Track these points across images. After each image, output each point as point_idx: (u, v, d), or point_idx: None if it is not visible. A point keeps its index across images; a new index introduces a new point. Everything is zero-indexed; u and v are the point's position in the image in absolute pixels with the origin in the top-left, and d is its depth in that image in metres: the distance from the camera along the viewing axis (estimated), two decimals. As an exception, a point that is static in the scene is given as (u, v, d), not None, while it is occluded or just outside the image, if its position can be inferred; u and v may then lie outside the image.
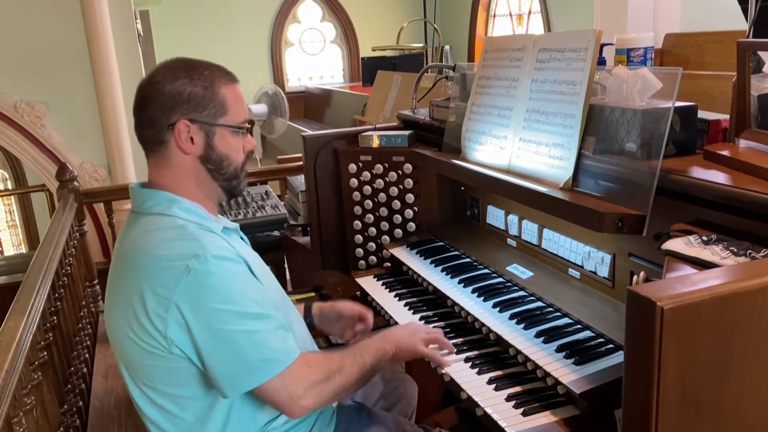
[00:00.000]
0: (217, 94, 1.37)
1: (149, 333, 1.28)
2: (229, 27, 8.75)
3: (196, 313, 1.25)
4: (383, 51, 6.73)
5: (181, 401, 1.35)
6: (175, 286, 1.24)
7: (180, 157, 1.37)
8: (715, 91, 1.81)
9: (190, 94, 1.34)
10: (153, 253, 1.28)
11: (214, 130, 1.37)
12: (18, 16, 4.17)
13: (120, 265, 1.36)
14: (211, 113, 1.36)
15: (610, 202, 1.41)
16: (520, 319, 1.60)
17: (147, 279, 1.27)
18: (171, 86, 1.34)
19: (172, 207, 1.34)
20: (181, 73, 1.35)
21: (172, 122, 1.34)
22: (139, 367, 1.34)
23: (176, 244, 1.28)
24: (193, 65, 1.38)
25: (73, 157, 4.34)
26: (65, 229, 2.73)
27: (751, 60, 1.31)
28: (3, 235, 9.02)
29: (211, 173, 1.40)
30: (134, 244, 1.33)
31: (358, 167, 2.29)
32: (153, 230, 1.32)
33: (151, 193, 1.38)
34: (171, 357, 1.29)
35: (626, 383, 0.95)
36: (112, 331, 1.38)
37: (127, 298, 1.30)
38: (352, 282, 2.23)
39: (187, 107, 1.34)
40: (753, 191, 1.17)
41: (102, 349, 2.80)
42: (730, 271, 1.01)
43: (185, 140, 1.35)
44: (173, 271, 1.25)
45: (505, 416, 1.36)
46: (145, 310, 1.27)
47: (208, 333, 1.25)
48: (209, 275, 1.25)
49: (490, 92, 1.89)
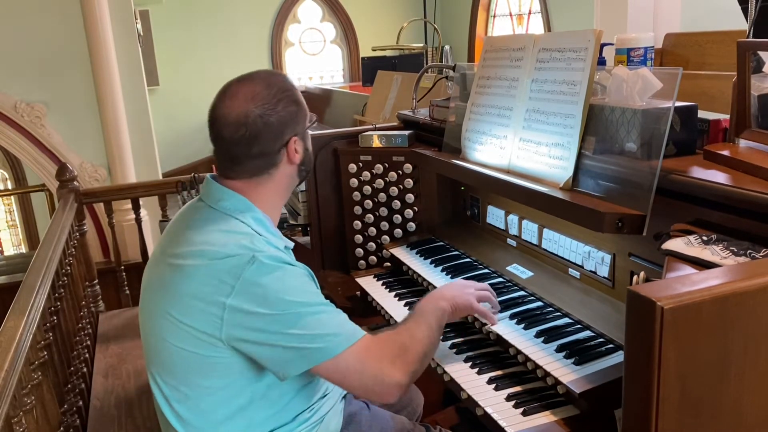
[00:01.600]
0: (301, 102, 1.44)
1: (201, 318, 1.29)
2: (229, 27, 8.74)
3: (258, 301, 1.27)
4: (383, 51, 6.72)
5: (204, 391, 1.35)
6: (240, 272, 1.27)
7: (285, 170, 1.44)
8: (715, 91, 1.81)
9: (291, 114, 1.41)
10: (222, 250, 1.31)
11: (306, 133, 1.47)
12: (18, 16, 4.17)
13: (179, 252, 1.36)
14: (304, 119, 1.46)
15: (610, 202, 1.42)
16: (520, 319, 1.60)
17: (211, 268, 1.30)
18: (276, 115, 1.38)
19: (246, 214, 1.39)
20: (274, 99, 1.38)
21: (284, 143, 1.41)
22: (175, 356, 1.34)
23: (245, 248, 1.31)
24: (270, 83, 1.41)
25: (73, 157, 4.34)
26: (65, 229, 2.73)
27: (751, 60, 1.31)
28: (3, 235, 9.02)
29: (301, 172, 1.49)
30: (203, 236, 1.35)
31: (358, 167, 2.29)
32: (226, 230, 1.35)
33: (230, 194, 1.41)
34: (217, 345, 1.30)
35: (626, 383, 0.95)
36: (151, 314, 1.39)
37: (182, 284, 1.32)
38: (352, 282, 2.23)
39: (293, 125, 1.42)
40: (753, 191, 1.17)
41: (102, 349, 2.80)
42: (730, 271, 1.01)
43: (293, 153, 1.43)
44: (239, 260, 1.28)
45: (505, 416, 1.36)
46: (203, 295, 1.29)
47: (270, 318, 1.28)
48: (274, 268, 1.30)
49: (490, 92, 1.89)
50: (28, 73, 4.24)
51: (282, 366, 1.32)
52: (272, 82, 1.42)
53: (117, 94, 4.31)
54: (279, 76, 1.47)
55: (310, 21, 9.57)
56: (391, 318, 1.90)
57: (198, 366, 1.33)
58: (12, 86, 4.23)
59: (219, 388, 1.35)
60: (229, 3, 8.76)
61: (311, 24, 9.58)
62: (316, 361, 1.30)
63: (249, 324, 1.28)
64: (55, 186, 3.49)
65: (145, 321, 1.43)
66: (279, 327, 1.28)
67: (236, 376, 1.34)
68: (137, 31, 4.56)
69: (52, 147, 4.34)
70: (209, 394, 1.36)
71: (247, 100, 1.38)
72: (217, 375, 1.34)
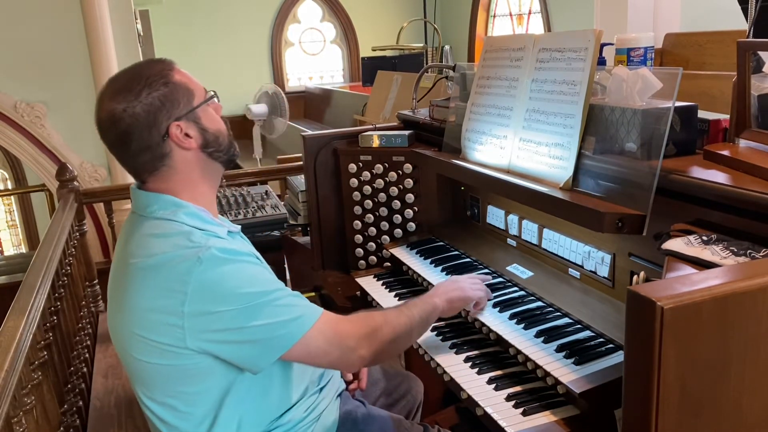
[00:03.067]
0: (177, 83, 1.34)
1: (162, 331, 1.26)
2: (229, 27, 8.74)
3: (215, 300, 1.24)
4: (383, 51, 6.72)
5: (190, 398, 1.34)
6: (189, 278, 1.23)
7: (183, 157, 1.36)
8: (715, 91, 1.81)
9: (161, 98, 1.31)
10: (162, 254, 1.27)
11: (197, 114, 1.36)
12: (18, 16, 4.17)
13: (124, 267, 1.33)
14: (185, 102, 1.34)
15: (610, 202, 1.42)
16: (520, 319, 1.60)
17: (158, 278, 1.26)
18: (140, 104, 1.30)
19: (177, 213, 1.33)
20: (136, 88, 1.31)
21: (164, 132, 1.32)
22: (150, 371, 1.32)
23: (184, 247, 1.27)
24: (135, 74, 1.34)
25: (73, 157, 4.34)
26: (65, 229, 2.73)
27: (751, 60, 1.31)
28: (3, 235, 9.02)
29: (212, 155, 1.40)
30: (141, 246, 1.31)
31: (358, 167, 2.29)
32: (160, 234, 1.31)
33: (155, 197, 1.36)
34: (184, 353, 1.27)
35: (626, 383, 0.95)
36: (118, 334, 1.36)
37: (135, 299, 1.29)
38: (352, 282, 2.23)
39: (167, 110, 1.32)
40: (753, 191, 1.17)
41: (102, 349, 2.80)
42: (730, 271, 1.01)
43: (184, 139, 1.34)
44: (184, 264, 1.24)
45: (505, 416, 1.36)
46: (158, 308, 1.26)
47: (230, 314, 1.25)
48: (222, 262, 1.25)
49: (490, 92, 1.89)
50: (28, 73, 4.24)
51: (252, 361, 1.30)
52: (137, 72, 1.34)
53: (117, 94, 4.30)
54: (148, 63, 1.37)
55: (310, 21, 9.57)
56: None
57: (177, 377, 1.31)
58: (12, 86, 4.23)
59: (204, 392, 1.33)
60: (229, 3, 8.76)
61: (311, 24, 9.59)
62: (285, 348, 1.29)
63: (210, 326, 1.25)
64: (55, 186, 3.50)
65: (116, 342, 1.39)
66: (241, 322, 1.25)
67: (214, 379, 1.32)
68: (137, 31, 4.56)
69: (52, 147, 4.34)
70: (197, 401, 1.34)
71: (111, 99, 1.31)
72: (199, 380, 1.32)
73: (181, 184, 1.37)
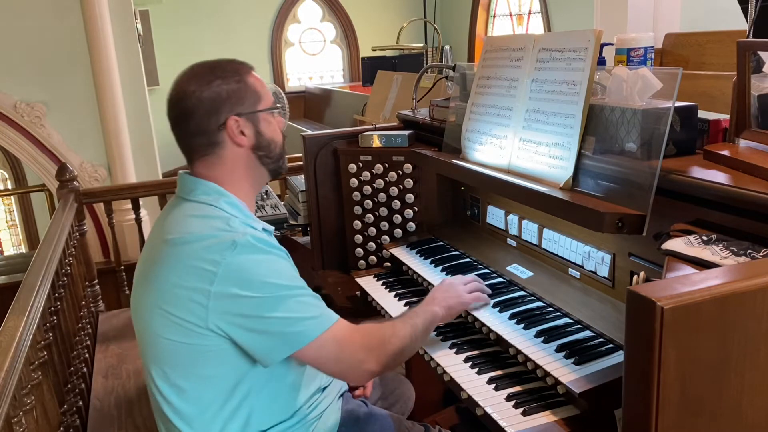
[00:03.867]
0: (248, 84, 1.43)
1: (188, 308, 1.30)
2: (229, 27, 8.75)
3: (242, 285, 1.28)
4: (383, 51, 6.71)
5: (201, 382, 1.36)
6: (222, 259, 1.28)
7: (234, 151, 1.43)
8: (715, 91, 1.80)
9: (229, 92, 1.39)
10: (199, 233, 1.32)
11: (258, 117, 1.44)
12: (18, 16, 4.17)
13: (159, 243, 1.38)
14: (251, 102, 1.43)
15: (610, 202, 1.42)
16: (520, 319, 1.60)
17: (191, 255, 1.31)
18: (208, 91, 1.38)
19: (220, 200, 1.39)
20: (210, 76, 1.39)
21: (222, 122, 1.39)
22: (168, 348, 1.35)
23: (221, 230, 1.33)
24: (215, 65, 1.43)
25: (73, 157, 4.34)
26: (65, 229, 2.73)
27: (751, 60, 1.31)
28: (3, 235, 9.02)
29: (261, 159, 1.47)
30: (179, 225, 1.37)
31: (358, 167, 2.29)
32: (200, 216, 1.37)
33: (201, 182, 1.42)
34: (205, 333, 1.31)
35: (626, 383, 0.95)
36: (142, 309, 1.40)
37: (165, 274, 1.33)
38: (352, 282, 2.23)
39: (231, 104, 1.40)
40: (753, 191, 1.17)
41: (102, 349, 2.80)
42: (730, 271, 1.00)
43: (238, 134, 1.41)
44: (219, 246, 1.29)
45: (505, 416, 1.36)
46: (186, 285, 1.30)
47: (255, 302, 1.29)
48: (254, 250, 1.31)
49: (490, 92, 1.89)
50: (28, 73, 4.24)
51: (265, 352, 1.33)
52: (217, 65, 1.43)
53: (117, 94, 4.31)
54: (231, 61, 1.46)
55: (310, 21, 9.57)
56: (391, 318, 1.90)
57: (192, 356, 1.34)
58: (12, 86, 4.23)
59: (215, 378, 1.36)
60: (229, 3, 8.77)
61: (311, 24, 9.59)
62: (299, 345, 1.32)
63: (233, 309, 1.29)
64: (55, 186, 3.49)
65: (138, 319, 1.43)
66: (262, 311, 1.29)
67: (230, 365, 1.35)
68: (137, 31, 4.56)
69: (52, 147, 4.34)
70: (207, 386, 1.36)
71: (186, 81, 1.40)
72: (212, 364, 1.34)
73: (226, 176, 1.43)
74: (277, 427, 1.43)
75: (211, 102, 1.38)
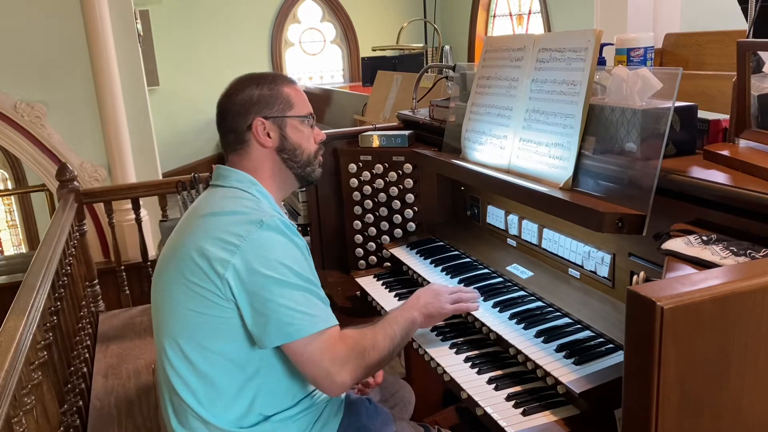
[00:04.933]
0: (281, 92, 1.56)
1: (208, 276, 1.37)
2: (229, 27, 8.74)
3: (261, 261, 1.36)
4: (383, 51, 6.72)
5: (215, 358, 1.41)
6: (248, 234, 1.37)
7: (259, 150, 1.54)
8: (715, 91, 1.80)
9: (259, 96, 1.54)
10: (231, 209, 1.43)
11: (285, 122, 1.55)
12: (18, 16, 4.17)
13: (191, 219, 1.49)
14: (280, 108, 1.55)
15: (610, 202, 1.42)
16: (520, 319, 1.60)
17: (219, 227, 1.40)
18: (242, 95, 1.54)
19: (252, 187, 1.51)
20: (249, 83, 1.55)
21: (249, 123, 1.53)
22: (185, 317, 1.41)
23: (252, 209, 1.43)
24: (259, 75, 1.58)
25: (73, 157, 4.34)
26: (65, 229, 2.73)
27: (751, 60, 1.31)
28: (3, 235, 9.01)
29: (286, 162, 1.57)
30: (212, 204, 1.49)
31: (358, 167, 2.29)
32: (233, 197, 1.48)
33: (234, 171, 1.54)
34: (222, 305, 1.37)
35: (626, 383, 0.95)
36: (164, 282, 1.47)
37: (192, 241, 1.41)
38: (352, 282, 2.23)
39: (259, 107, 1.53)
40: (753, 191, 1.17)
41: (102, 348, 2.80)
42: (730, 271, 1.01)
43: (263, 135, 1.53)
44: (247, 222, 1.39)
45: (505, 416, 1.36)
46: (210, 253, 1.37)
47: (266, 280, 1.35)
48: (279, 232, 1.40)
49: (490, 92, 1.89)
50: (28, 73, 4.24)
51: (259, 335, 1.38)
52: (263, 75, 1.58)
53: (117, 94, 4.30)
54: (275, 74, 1.62)
55: (310, 21, 9.57)
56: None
57: (207, 329, 1.40)
58: (12, 86, 4.22)
59: (225, 355, 1.41)
60: (229, 3, 8.76)
61: (311, 24, 9.58)
62: (289, 338, 1.36)
63: (246, 283, 1.35)
64: (55, 186, 3.50)
65: (159, 291, 1.49)
66: (268, 292, 1.35)
67: (240, 343, 1.40)
68: (137, 31, 4.55)
69: (52, 147, 4.34)
70: (216, 362, 1.41)
71: (232, 86, 1.57)
72: (224, 338, 1.40)
73: (253, 171, 1.54)
74: (280, 414, 1.46)
75: (243, 104, 1.53)
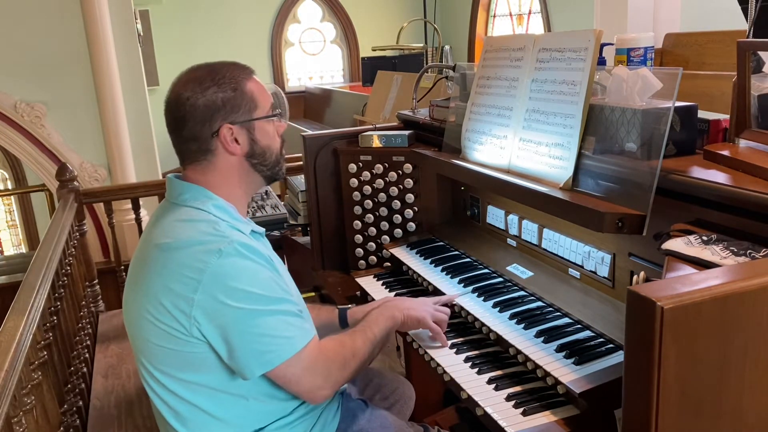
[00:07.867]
0: (245, 92, 1.41)
1: (172, 315, 1.30)
2: (229, 27, 8.74)
3: (226, 292, 1.28)
4: (383, 51, 6.72)
5: (195, 388, 1.37)
6: (206, 266, 1.28)
7: (226, 159, 1.42)
8: (715, 91, 1.80)
9: (224, 100, 1.38)
10: (186, 239, 1.32)
11: (253, 125, 1.43)
12: (18, 17, 4.17)
13: (147, 249, 1.39)
14: (246, 110, 1.41)
15: (610, 202, 1.41)
16: (520, 319, 1.60)
17: (177, 261, 1.31)
18: (203, 98, 1.37)
19: (207, 203, 1.39)
20: (207, 82, 1.38)
21: (215, 130, 1.39)
22: (156, 351, 1.36)
23: (209, 234, 1.32)
24: (213, 70, 1.41)
25: (73, 157, 4.34)
26: (65, 229, 2.73)
27: (751, 60, 1.31)
28: (3, 235, 9.02)
29: (255, 167, 1.46)
30: (167, 230, 1.37)
31: (358, 167, 2.29)
32: (187, 220, 1.36)
33: (189, 187, 1.42)
34: (191, 341, 1.31)
35: (626, 383, 0.95)
36: (131, 315, 1.40)
37: (152, 279, 1.34)
38: (352, 282, 2.23)
39: (225, 112, 1.39)
40: (753, 191, 1.17)
41: (102, 349, 2.80)
42: (730, 271, 1.00)
43: (231, 142, 1.41)
44: (205, 253, 1.29)
45: (505, 416, 1.36)
46: (172, 292, 1.30)
47: (235, 313, 1.29)
48: (240, 257, 1.30)
49: (490, 92, 1.89)
50: (28, 73, 4.24)
51: (240, 368, 1.33)
52: (215, 70, 1.41)
53: (117, 94, 4.31)
54: (230, 65, 1.44)
55: (310, 21, 9.57)
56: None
57: (180, 363, 1.35)
58: (12, 86, 4.23)
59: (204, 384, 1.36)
60: (229, 3, 8.76)
61: (311, 24, 9.59)
62: (270, 366, 1.32)
63: (215, 318, 1.29)
64: (55, 186, 3.50)
65: (129, 323, 1.44)
66: (240, 324, 1.29)
67: (217, 373, 1.35)
68: (137, 31, 4.56)
69: (52, 147, 4.34)
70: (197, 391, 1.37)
71: (182, 85, 1.40)
72: (200, 371, 1.35)
73: (217, 182, 1.43)
74: (275, 423, 1.44)
75: (206, 109, 1.38)
